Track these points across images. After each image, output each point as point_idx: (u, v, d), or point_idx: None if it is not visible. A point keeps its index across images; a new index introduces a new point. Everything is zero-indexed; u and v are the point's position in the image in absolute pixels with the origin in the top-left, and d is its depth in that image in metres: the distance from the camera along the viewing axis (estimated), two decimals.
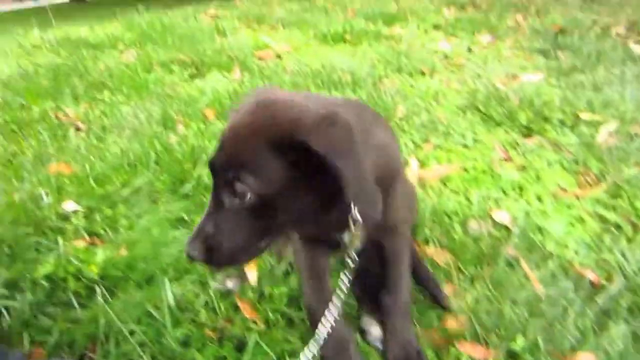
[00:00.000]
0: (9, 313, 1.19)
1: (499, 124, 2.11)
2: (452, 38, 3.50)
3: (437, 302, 1.18)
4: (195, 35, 3.82)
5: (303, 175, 0.71)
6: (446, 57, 3.08)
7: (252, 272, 1.30)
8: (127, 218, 1.59)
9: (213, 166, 0.76)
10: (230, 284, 1.28)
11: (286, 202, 0.74)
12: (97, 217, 1.57)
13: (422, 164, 1.84)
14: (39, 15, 13.17)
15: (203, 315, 1.16)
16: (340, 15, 4.41)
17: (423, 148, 1.96)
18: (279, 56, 3.32)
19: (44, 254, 1.40)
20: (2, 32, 7.75)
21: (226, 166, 0.74)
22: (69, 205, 1.60)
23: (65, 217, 1.57)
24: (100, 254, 1.37)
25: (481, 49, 3.20)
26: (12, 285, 1.28)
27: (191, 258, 0.75)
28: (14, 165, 1.93)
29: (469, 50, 3.18)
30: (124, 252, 1.40)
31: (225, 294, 1.24)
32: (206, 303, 1.20)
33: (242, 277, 1.28)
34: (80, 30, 4.73)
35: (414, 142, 2.00)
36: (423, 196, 1.60)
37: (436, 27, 3.81)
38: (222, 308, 1.18)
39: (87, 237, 1.49)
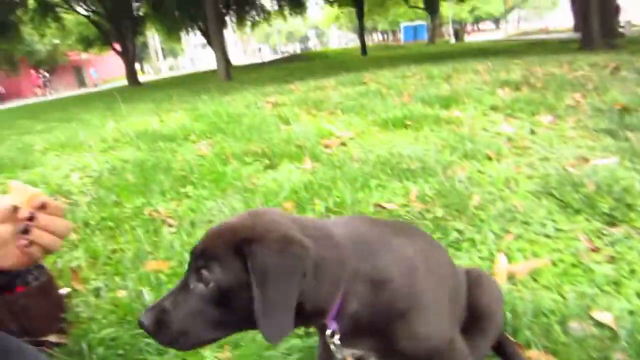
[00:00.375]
0: None
1: (578, 212, 2.10)
2: (512, 119, 3.57)
3: None
4: (262, 125, 4.07)
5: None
6: (510, 139, 3.14)
7: None
8: None
9: (193, 252, 0.84)
10: None
11: (242, 300, 0.78)
12: None
13: (508, 258, 1.84)
14: (104, 99, 14.31)
15: None
16: (396, 99, 4.60)
17: (504, 239, 1.97)
18: (343, 143, 3.48)
19: (153, 356, 1.48)
20: (76, 119, 8.52)
21: (200, 254, 0.81)
22: None
23: None
24: (209, 357, 1.44)
25: (544, 130, 3.25)
26: None
27: (141, 325, 0.80)
28: (113, 262, 2.07)
29: (532, 132, 3.23)
30: (227, 353, 1.47)
31: None
32: None
33: None
34: (150, 120, 5.13)
35: (494, 233, 2.02)
36: (516, 293, 1.60)
37: (493, 108, 3.91)
38: None
39: None
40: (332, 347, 0.90)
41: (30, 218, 0.76)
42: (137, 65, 23.94)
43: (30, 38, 26.96)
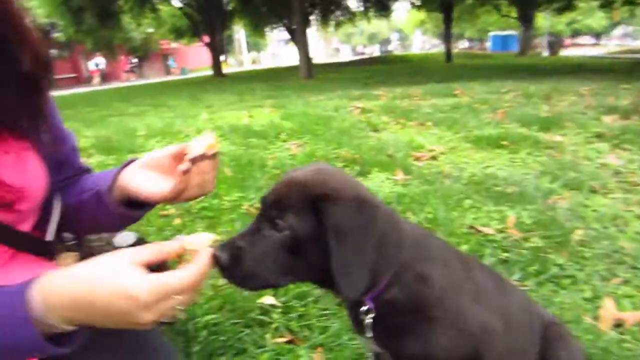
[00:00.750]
0: None
1: None
2: (620, 151, 3.35)
3: None
4: (351, 130, 4.10)
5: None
6: (617, 173, 2.95)
7: None
8: (318, 318, 1.69)
9: (263, 201, 0.87)
10: None
11: (314, 251, 0.81)
12: (293, 314, 1.70)
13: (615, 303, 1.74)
14: (189, 87, 15.02)
15: None
16: (489, 116, 4.46)
17: (610, 282, 1.86)
18: (434, 157, 3.43)
19: (251, 346, 1.54)
20: (165, 105, 9.00)
21: (272, 204, 0.84)
22: (267, 300, 1.76)
23: (265, 311, 1.71)
24: (304, 356, 1.48)
25: None
26: None
27: (217, 260, 0.80)
28: None
29: None
30: (319, 356, 1.49)
31: None
32: None
33: None
34: (240, 115, 5.30)
35: (599, 274, 1.91)
36: (625, 344, 1.51)
37: (599, 136, 3.68)
38: None
39: (286, 335, 1.62)
40: (364, 323, 0.92)
41: (195, 161, 0.82)
42: (221, 57, 24.85)
43: (128, 26, 28.74)
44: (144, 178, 0.89)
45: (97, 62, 33.31)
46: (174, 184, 0.83)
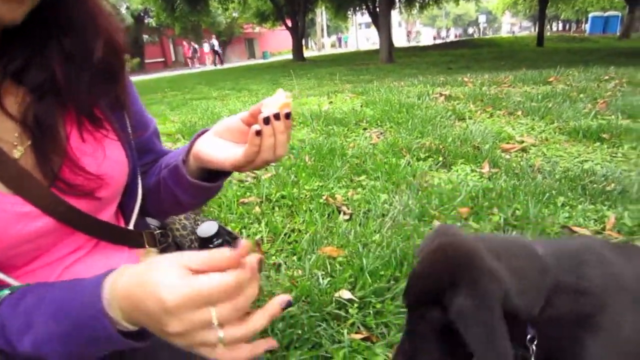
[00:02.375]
0: None
1: None
2: None
3: None
4: (435, 118, 3.97)
5: None
6: None
7: None
8: (395, 315, 1.66)
9: (404, 299, 0.93)
10: None
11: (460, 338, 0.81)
12: (370, 309, 1.69)
13: None
14: (270, 71, 15.33)
15: None
16: (589, 106, 4.12)
17: None
18: (524, 150, 3.24)
19: (327, 341, 1.54)
20: (247, 89, 9.25)
21: (411, 303, 0.91)
22: (344, 294, 1.75)
23: (342, 306, 1.71)
24: (380, 355, 1.46)
25: None
26: None
27: None
28: (291, 240, 2.20)
29: None
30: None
31: None
32: None
33: None
34: (321, 101, 5.31)
35: None
36: None
37: None
38: None
39: (363, 331, 1.61)
40: (530, 351, 0.91)
41: (266, 121, 0.78)
42: (302, 41, 25.06)
43: (215, 11, 29.70)
44: (216, 145, 0.86)
45: (213, 44, 34.65)
46: (246, 148, 0.80)
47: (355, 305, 1.71)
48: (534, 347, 0.89)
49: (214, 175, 0.94)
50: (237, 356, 0.58)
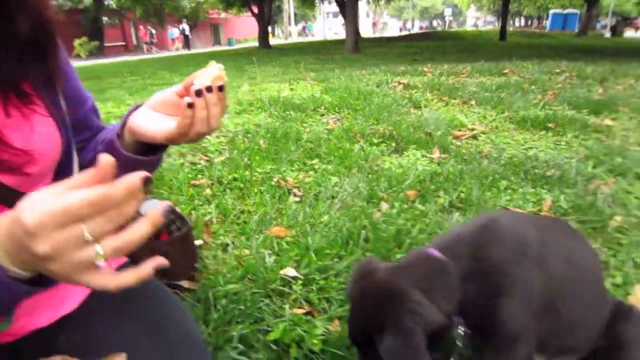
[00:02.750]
0: None
1: None
2: None
3: None
4: (392, 106, 4.03)
5: None
6: None
7: None
8: (338, 291, 1.71)
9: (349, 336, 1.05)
10: None
11: None
12: (313, 286, 1.73)
13: None
14: (235, 58, 15.11)
15: None
16: (539, 97, 4.28)
17: None
18: (475, 137, 3.34)
19: (269, 316, 1.57)
20: None
21: (356, 340, 1.02)
22: (289, 272, 1.78)
23: (286, 283, 1.74)
24: (320, 327, 1.50)
25: None
26: (246, 342, 1.45)
27: None
28: (241, 221, 2.22)
29: None
30: (337, 327, 1.51)
31: None
32: None
33: None
34: (282, 87, 5.30)
35: (634, 262, 1.84)
36: None
37: None
38: None
39: (305, 306, 1.64)
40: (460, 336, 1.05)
41: (199, 94, 0.78)
42: (268, 28, 24.79)
43: None
44: (150, 118, 0.86)
45: (184, 28, 33.55)
46: (178, 120, 0.80)
47: (300, 282, 1.74)
48: (461, 331, 1.02)
49: (152, 150, 0.93)
50: (124, 280, 0.57)
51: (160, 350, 0.87)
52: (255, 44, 26.69)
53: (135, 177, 0.53)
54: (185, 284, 1.73)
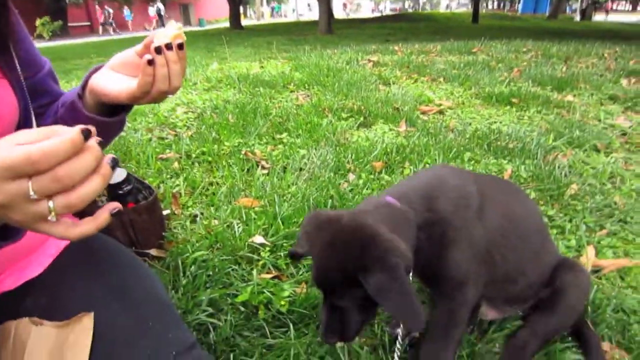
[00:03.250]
0: (214, 330, 1.39)
1: None
2: (632, 113, 3.28)
3: None
4: (361, 82, 4.06)
5: None
6: (624, 134, 2.91)
7: None
8: (305, 258, 1.75)
9: (318, 284, 1.03)
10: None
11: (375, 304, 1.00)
12: (281, 252, 1.77)
13: (597, 252, 1.77)
14: (206, 39, 14.83)
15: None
16: (505, 74, 4.37)
17: (597, 234, 1.89)
18: (441, 112, 3.40)
19: (237, 281, 1.61)
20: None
21: (329, 284, 1.01)
22: (257, 239, 1.82)
23: (254, 249, 1.78)
24: (287, 290, 1.55)
25: None
26: (215, 306, 1.49)
27: (327, 341, 1.04)
28: (209, 193, 2.23)
29: None
30: (303, 289, 1.56)
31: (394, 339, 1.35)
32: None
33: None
34: (252, 65, 5.26)
35: (587, 226, 1.93)
36: (599, 286, 1.55)
37: (613, 98, 3.60)
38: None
39: (273, 271, 1.69)
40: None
41: (158, 51, 0.80)
42: (240, 9, 24.36)
43: None
44: (112, 79, 0.86)
45: (159, 7, 32.46)
46: (139, 78, 0.81)
47: (268, 249, 1.78)
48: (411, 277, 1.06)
49: (115, 113, 0.93)
50: (84, 230, 0.58)
51: (128, 311, 0.87)
52: (227, 24, 26.24)
53: (74, 129, 0.52)
54: (153, 252, 1.75)
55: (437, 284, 0.96)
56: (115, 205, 0.60)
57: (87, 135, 0.53)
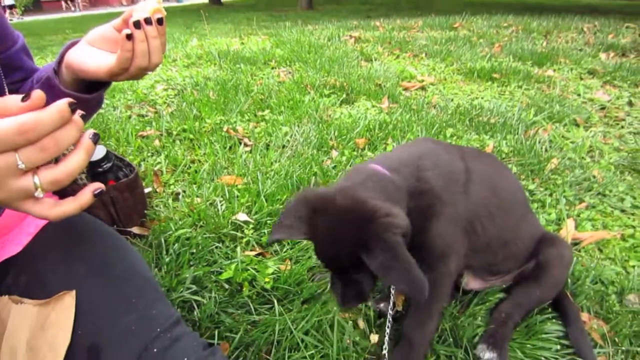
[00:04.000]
0: (198, 307, 1.39)
1: None
2: (610, 87, 3.32)
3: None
4: (342, 59, 4.03)
5: None
6: (603, 108, 2.95)
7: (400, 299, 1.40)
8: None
9: (326, 263, 1.07)
10: (382, 305, 1.39)
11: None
12: (265, 230, 1.76)
13: (577, 225, 1.81)
14: (184, 15, 14.49)
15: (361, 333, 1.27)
16: (486, 50, 4.37)
17: (576, 207, 1.92)
18: (424, 88, 3.40)
19: (221, 258, 1.60)
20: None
21: (336, 265, 1.05)
22: (241, 217, 1.81)
23: (238, 227, 1.77)
24: (271, 267, 1.55)
25: None
26: (199, 284, 1.49)
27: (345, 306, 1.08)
28: (191, 171, 2.21)
29: (630, 103, 3.01)
30: (287, 266, 1.56)
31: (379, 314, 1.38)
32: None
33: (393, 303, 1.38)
34: (232, 42, 5.16)
35: (567, 199, 1.97)
36: (578, 259, 1.59)
37: (592, 72, 3.63)
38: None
39: (257, 248, 1.68)
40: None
41: (137, 25, 0.78)
42: None
43: None
44: (89, 54, 0.84)
45: None
46: (118, 53, 0.78)
47: (251, 226, 1.77)
48: None
49: (92, 89, 0.91)
50: (65, 209, 0.58)
51: (110, 288, 0.86)
52: (205, 0, 25.63)
53: (62, 101, 0.53)
54: (135, 230, 1.73)
55: (420, 255, 0.97)
56: (98, 186, 0.60)
57: (74, 108, 0.53)
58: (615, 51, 4.26)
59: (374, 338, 1.30)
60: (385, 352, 1.16)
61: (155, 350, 0.82)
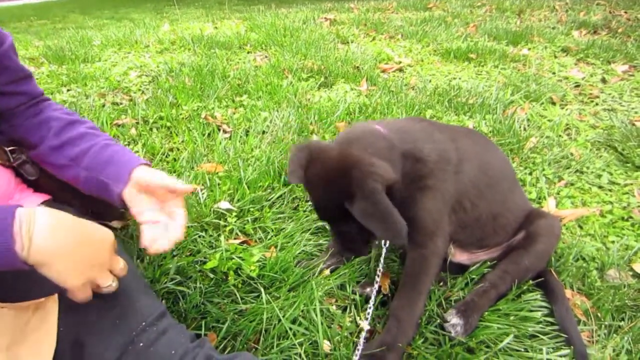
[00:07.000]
0: (183, 298, 1.37)
1: (638, 168, 2.04)
2: (584, 65, 3.36)
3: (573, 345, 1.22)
4: (319, 42, 3.97)
5: None
6: (578, 85, 2.98)
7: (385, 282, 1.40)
8: (273, 221, 1.74)
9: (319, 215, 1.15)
10: (368, 289, 1.39)
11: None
12: (248, 217, 1.74)
13: (557, 203, 1.84)
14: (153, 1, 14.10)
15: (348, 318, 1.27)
16: (461, 30, 4.37)
17: (556, 185, 1.95)
18: (401, 69, 3.39)
19: (205, 248, 1.58)
20: (127, 19, 8.50)
21: (328, 215, 1.13)
22: (223, 205, 1.78)
23: (221, 215, 1.74)
24: (256, 255, 1.53)
25: (617, 79, 3.06)
26: (183, 274, 1.46)
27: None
28: (170, 159, 2.16)
29: (603, 80, 3.05)
30: (273, 254, 1.55)
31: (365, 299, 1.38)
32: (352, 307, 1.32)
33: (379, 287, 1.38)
34: (205, 26, 5.05)
35: (546, 178, 1.99)
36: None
37: (565, 50, 3.67)
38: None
39: (241, 236, 1.66)
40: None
41: None
42: None
43: None
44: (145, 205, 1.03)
45: None
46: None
47: (234, 214, 1.75)
48: None
49: None
50: None
51: None
52: None
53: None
54: (115, 224, 1.68)
55: (409, 232, 0.98)
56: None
57: None
58: (587, 29, 4.31)
59: (363, 324, 1.30)
60: (364, 332, 1.19)
61: (141, 344, 0.81)
